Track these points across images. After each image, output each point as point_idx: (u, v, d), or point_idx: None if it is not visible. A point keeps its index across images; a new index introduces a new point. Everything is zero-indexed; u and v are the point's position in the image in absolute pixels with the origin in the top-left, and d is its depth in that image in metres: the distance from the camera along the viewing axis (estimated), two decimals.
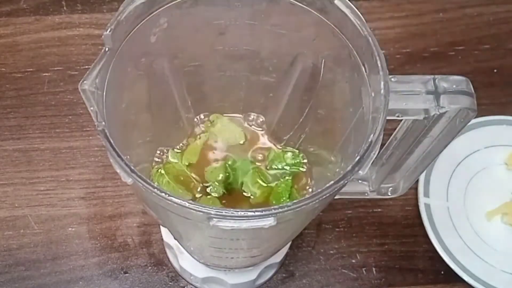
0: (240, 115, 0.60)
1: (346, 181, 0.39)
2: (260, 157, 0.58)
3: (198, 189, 0.56)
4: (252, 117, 0.60)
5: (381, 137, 0.40)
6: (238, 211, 0.37)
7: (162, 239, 0.65)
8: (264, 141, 0.60)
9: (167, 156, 0.57)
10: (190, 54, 0.53)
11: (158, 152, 0.58)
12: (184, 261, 0.63)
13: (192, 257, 0.60)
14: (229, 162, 0.57)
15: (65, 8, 0.83)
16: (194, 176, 0.56)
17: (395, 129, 0.51)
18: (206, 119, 0.59)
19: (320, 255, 0.68)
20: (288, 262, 0.67)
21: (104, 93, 0.42)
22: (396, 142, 0.51)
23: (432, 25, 0.85)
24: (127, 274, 0.66)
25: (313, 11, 0.47)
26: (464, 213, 0.69)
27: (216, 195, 0.55)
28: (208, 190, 0.56)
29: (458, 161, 0.71)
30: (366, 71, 0.44)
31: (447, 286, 0.67)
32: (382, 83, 0.42)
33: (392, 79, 0.43)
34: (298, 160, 0.58)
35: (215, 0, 0.49)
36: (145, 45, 0.48)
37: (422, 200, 0.68)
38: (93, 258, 0.66)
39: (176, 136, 0.58)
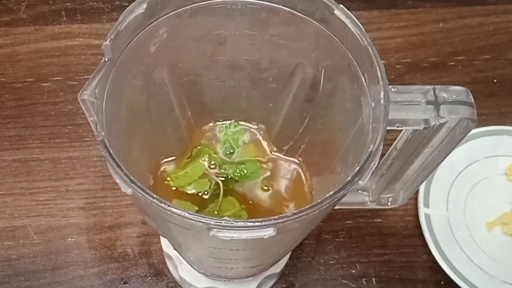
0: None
1: (346, 191, 0.39)
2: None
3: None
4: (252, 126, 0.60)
5: (381, 147, 0.40)
6: (237, 221, 0.37)
7: (162, 249, 0.65)
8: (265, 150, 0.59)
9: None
10: (189, 64, 0.53)
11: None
12: (183, 271, 0.62)
13: (192, 267, 0.60)
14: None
15: (64, 18, 0.83)
16: None
17: (395, 139, 0.51)
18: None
19: (320, 266, 0.68)
20: (288, 273, 0.67)
21: (104, 103, 0.42)
22: (396, 152, 0.51)
23: (432, 35, 0.85)
24: (126, 285, 0.66)
25: (313, 21, 0.47)
26: (464, 223, 0.68)
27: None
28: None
29: (458, 171, 0.71)
30: (366, 81, 0.44)
31: None
32: (382, 93, 0.41)
33: (392, 89, 0.43)
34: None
35: (214, 10, 0.48)
36: (144, 55, 0.48)
37: (422, 210, 0.68)
38: (93, 268, 0.66)
39: (176, 146, 0.58)
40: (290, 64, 0.53)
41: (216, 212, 0.54)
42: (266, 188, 0.57)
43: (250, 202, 0.56)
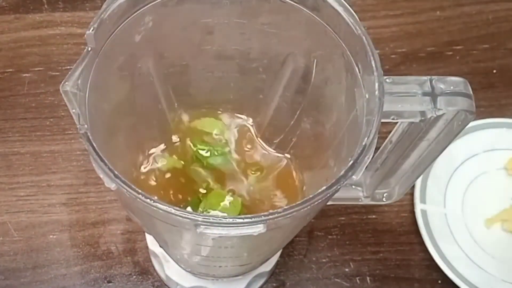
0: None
1: (339, 187, 0.39)
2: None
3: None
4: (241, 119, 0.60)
5: (376, 140, 0.40)
6: (226, 218, 0.37)
7: (147, 247, 0.65)
8: (254, 144, 0.59)
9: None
10: (176, 54, 0.53)
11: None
12: (170, 269, 0.62)
13: (179, 265, 0.60)
14: None
15: (46, 6, 0.82)
16: None
17: (390, 132, 0.51)
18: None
19: (312, 264, 0.67)
20: (279, 271, 0.67)
21: (87, 95, 0.41)
22: (391, 145, 0.51)
23: (428, 24, 0.84)
24: (110, 284, 0.65)
25: (304, 9, 0.46)
26: (462, 220, 0.68)
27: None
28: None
29: (456, 166, 0.71)
30: (360, 72, 0.44)
31: None
32: (376, 84, 0.41)
33: (387, 80, 0.42)
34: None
35: None
36: (129, 44, 0.48)
37: (418, 206, 0.67)
38: (75, 266, 0.66)
39: (162, 139, 0.58)
40: (281, 54, 0.52)
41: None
42: (254, 181, 0.57)
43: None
